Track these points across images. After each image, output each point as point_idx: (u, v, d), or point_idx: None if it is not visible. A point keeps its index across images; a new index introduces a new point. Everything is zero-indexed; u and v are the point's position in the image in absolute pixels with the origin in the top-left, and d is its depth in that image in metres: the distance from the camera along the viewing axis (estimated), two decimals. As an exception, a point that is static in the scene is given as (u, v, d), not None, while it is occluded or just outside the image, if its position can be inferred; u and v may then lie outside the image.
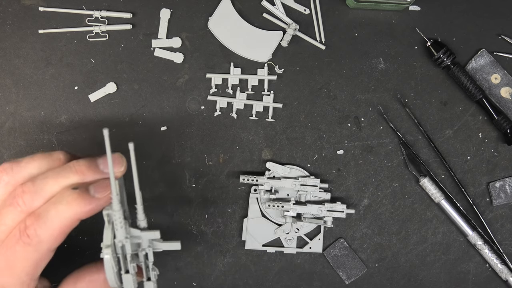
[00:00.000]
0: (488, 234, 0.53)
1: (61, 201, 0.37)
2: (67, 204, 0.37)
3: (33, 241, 0.37)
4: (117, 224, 0.37)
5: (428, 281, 0.54)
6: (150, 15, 0.53)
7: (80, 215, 0.37)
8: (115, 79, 0.53)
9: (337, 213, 0.51)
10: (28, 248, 0.37)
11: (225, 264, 0.54)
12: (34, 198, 0.38)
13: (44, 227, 0.37)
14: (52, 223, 0.37)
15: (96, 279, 0.41)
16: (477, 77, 0.54)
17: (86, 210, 0.37)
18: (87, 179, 0.39)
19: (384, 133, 0.54)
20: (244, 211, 0.53)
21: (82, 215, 0.37)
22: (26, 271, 0.38)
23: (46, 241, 0.37)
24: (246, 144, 0.53)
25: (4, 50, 0.52)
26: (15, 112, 0.52)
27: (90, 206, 0.37)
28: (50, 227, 0.37)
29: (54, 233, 0.37)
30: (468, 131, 0.54)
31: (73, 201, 0.37)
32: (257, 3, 0.53)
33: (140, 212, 0.39)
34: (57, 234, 0.37)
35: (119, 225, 0.38)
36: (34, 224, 0.37)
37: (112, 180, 0.36)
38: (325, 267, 0.54)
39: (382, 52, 0.54)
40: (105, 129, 0.35)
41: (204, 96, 0.53)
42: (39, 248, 0.37)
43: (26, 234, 0.37)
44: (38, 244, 0.37)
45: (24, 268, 0.37)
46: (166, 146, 0.53)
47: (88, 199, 0.37)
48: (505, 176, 0.54)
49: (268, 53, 0.53)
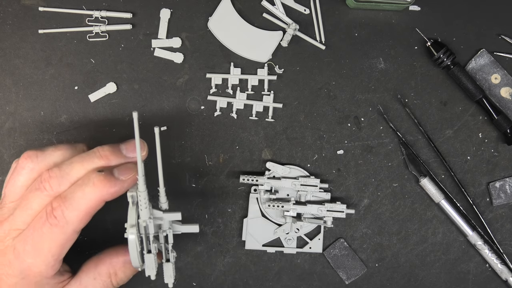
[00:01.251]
0: (488, 234, 0.53)
1: (87, 183, 0.39)
2: (93, 185, 0.38)
3: (60, 223, 0.38)
4: (141, 204, 0.39)
5: (428, 281, 0.54)
6: (150, 15, 0.53)
7: (105, 196, 0.39)
8: (115, 79, 0.53)
9: (337, 213, 0.51)
10: (55, 229, 0.38)
11: (225, 264, 0.54)
12: (60, 182, 0.39)
13: (70, 208, 0.38)
14: (78, 205, 0.38)
15: (116, 262, 0.43)
16: (477, 77, 0.54)
17: (111, 191, 0.39)
18: (111, 163, 0.41)
19: (384, 133, 0.54)
20: (244, 211, 0.53)
21: (107, 196, 0.39)
22: (52, 252, 0.39)
23: (72, 222, 0.38)
24: (246, 144, 0.53)
25: (4, 50, 0.52)
26: (15, 112, 0.52)
27: (115, 187, 0.39)
28: (76, 208, 0.38)
29: (80, 214, 0.38)
30: (468, 131, 0.54)
31: (99, 182, 0.38)
32: (257, 3, 0.53)
33: (162, 194, 0.41)
34: (83, 215, 0.39)
35: (143, 206, 0.39)
36: (61, 205, 0.38)
37: (139, 161, 0.38)
38: (325, 267, 0.54)
39: (382, 52, 0.54)
40: (135, 112, 0.37)
41: (204, 96, 0.53)
42: (65, 229, 0.38)
43: (53, 215, 0.38)
44: (64, 225, 0.38)
45: (51, 249, 0.39)
46: (166, 146, 0.53)
47: (113, 181, 0.39)
48: (505, 176, 0.54)
49: (268, 53, 0.53)
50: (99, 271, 0.43)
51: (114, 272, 0.43)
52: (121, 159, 0.42)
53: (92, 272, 0.43)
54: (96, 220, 0.41)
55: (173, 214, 0.42)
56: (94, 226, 0.44)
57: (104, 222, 0.52)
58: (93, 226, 0.43)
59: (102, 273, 0.43)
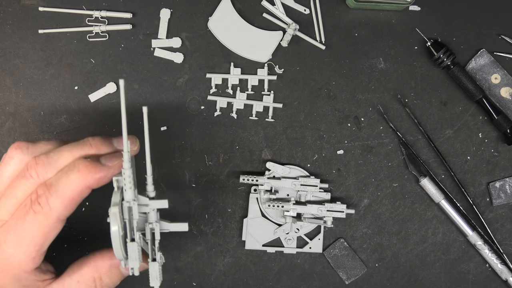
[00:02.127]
0: (488, 234, 0.53)
1: (72, 169, 0.38)
2: (78, 171, 0.37)
3: (44, 210, 0.37)
4: (126, 184, 0.37)
5: (428, 281, 0.54)
6: (150, 15, 0.53)
7: (90, 182, 0.38)
8: (115, 79, 0.53)
9: (337, 213, 0.51)
10: (39, 216, 0.37)
11: (225, 264, 0.54)
12: (47, 169, 0.38)
13: (55, 195, 0.37)
14: (63, 191, 0.37)
15: (101, 266, 0.41)
16: (477, 77, 0.54)
17: (97, 177, 0.38)
18: (101, 153, 0.40)
19: (384, 133, 0.54)
20: (244, 211, 0.53)
21: (92, 182, 0.38)
22: (35, 242, 0.38)
23: (56, 209, 0.37)
24: (246, 144, 0.53)
25: (4, 50, 0.52)
26: (15, 112, 0.52)
27: (101, 173, 0.38)
28: (61, 195, 0.37)
29: (64, 201, 0.37)
30: (468, 131, 0.54)
31: (84, 168, 0.37)
32: (257, 3, 0.53)
33: (149, 182, 0.39)
34: (68, 202, 0.37)
35: (128, 185, 0.37)
36: (46, 192, 0.37)
37: (125, 133, 0.36)
38: (325, 267, 0.54)
39: (382, 52, 0.54)
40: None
41: (204, 96, 0.53)
42: (49, 217, 0.37)
43: (38, 202, 0.37)
44: (48, 212, 0.37)
45: (33, 238, 0.37)
46: (166, 146, 0.53)
47: (99, 167, 0.38)
48: (505, 176, 0.54)
49: (268, 53, 0.53)
50: (83, 274, 0.40)
51: (99, 277, 0.41)
52: (111, 150, 0.41)
53: (76, 275, 0.41)
54: (94, 220, 0.40)
55: (159, 201, 0.39)
56: (95, 228, 0.44)
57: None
58: (94, 227, 0.43)
59: (86, 276, 0.40)
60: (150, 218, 0.40)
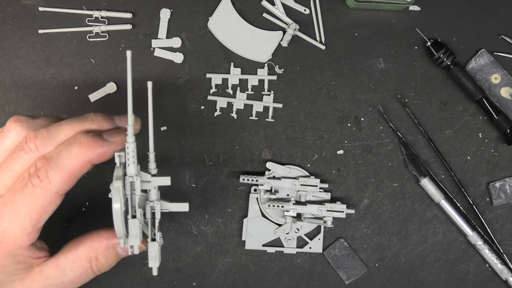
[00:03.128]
0: (488, 234, 0.53)
1: (74, 143, 0.37)
2: (79, 145, 0.36)
3: (43, 183, 0.36)
4: (129, 158, 0.37)
5: (428, 281, 0.54)
6: (150, 15, 0.53)
7: (91, 157, 0.37)
8: (115, 79, 0.53)
9: (337, 213, 0.51)
10: (37, 190, 0.36)
11: (225, 264, 0.54)
12: (47, 143, 0.37)
13: (55, 168, 0.36)
14: (63, 164, 0.36)
15: (97, 246, 0.40)
16: (477, 77, 0.54)
17: (98, 152, 0.37)
18: (102, 128, 0.39)
19: (384, 133, 0.54)
20: (244, 211, 0.53)
21: (93, 157, 0.37)
22: (31, 216, 0.36)
23: (56, 183, 0.36)
24: (246, 144, 0.53)
25: (4, 50, 0.52)
26: (15, 112, 0.52)
27: (102, 148, 0.37)
28: (61, 169, 0.36)
29: (64, 175, 0.36)
30: (468, 131, 0.54)
31: (85, 142, 0.37)
32: (257, 3, 0.53)
33: (151, 159, 0.39)
34: (68, 176, 0.37)
35: (131, 160, 0.37)
36: (45, 165, 0.36)
37: (130, 107, 0.36)
38: (325, 267, 0.54)
39: (382, 52, 0.54)
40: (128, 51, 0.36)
41: (204, 96, 0.53)
42: (48, 191, 0.36)
43: (36, 175, 0.36)
44: (47, 186, 0.36)
45: (30, 212, 0.36)
46: (166, 146, 0.53)
47: (101, 141, 0.37)
48: (505, 176, 0.54)
49: (268, 53, 0.53)
50: (79, 254, 0.39)
51: (95, 257, 0.40)
52: (112, 127, 0.40)
53: (71, 254, 0.39)
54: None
55: (162, 178, 0.38)
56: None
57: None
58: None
59: (81, 256, 0.39)
60: (151, 196, 0.39)
